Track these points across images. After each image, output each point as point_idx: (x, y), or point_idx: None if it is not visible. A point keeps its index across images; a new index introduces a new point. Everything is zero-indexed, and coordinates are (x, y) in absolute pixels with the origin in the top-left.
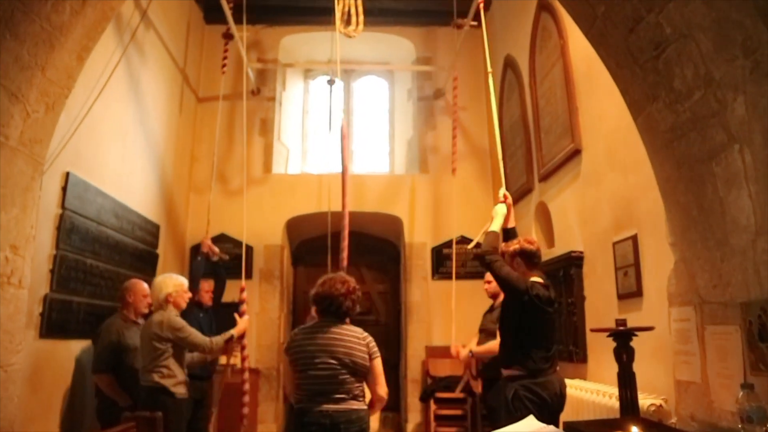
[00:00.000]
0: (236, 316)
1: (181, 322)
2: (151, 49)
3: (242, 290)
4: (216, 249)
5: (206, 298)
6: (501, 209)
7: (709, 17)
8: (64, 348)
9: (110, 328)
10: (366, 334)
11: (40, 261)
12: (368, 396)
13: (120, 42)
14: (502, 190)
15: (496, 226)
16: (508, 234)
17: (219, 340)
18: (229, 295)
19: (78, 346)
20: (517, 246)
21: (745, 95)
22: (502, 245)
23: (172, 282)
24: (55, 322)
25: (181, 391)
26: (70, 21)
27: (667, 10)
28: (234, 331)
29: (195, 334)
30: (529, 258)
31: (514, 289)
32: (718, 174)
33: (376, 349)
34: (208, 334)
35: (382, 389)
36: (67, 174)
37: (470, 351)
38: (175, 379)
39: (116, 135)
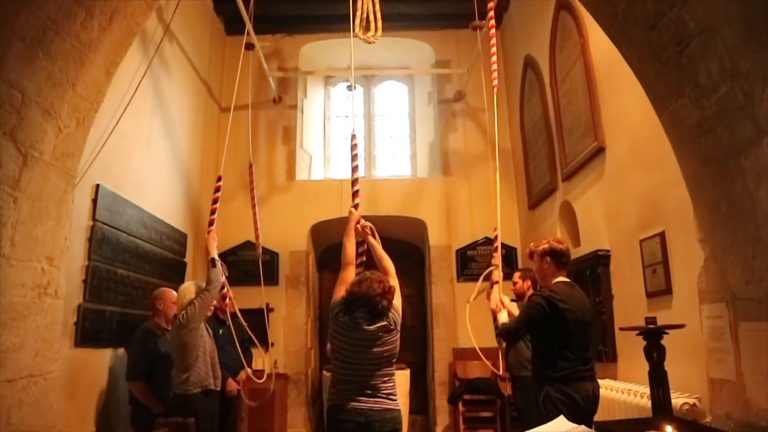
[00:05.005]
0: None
1: (188, 305)
2: (175, 61)
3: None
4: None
5: (222, 304)
6: (503, 316)
7: (733, 9)
8: (98, 356)
9: (142, 335)
10: (396, 312)
11: (74, 272)
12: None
13: (145, 56)
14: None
15: (504, 318)
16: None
17: (209, 274)
18: (250, 301)
19: (111, 354)
20: (546, 245)
21: None
22: (531, 245)
23: (197, 288)
24: (89, 331)
25: (213, 382)
26: (99, 38)
27: (690, 4)
28: (211, 251)
29: (200, 298)
30: (558, 258)
31: (532, 319)
32: (747, 168)
33: (397, 304)
34: (229, 349)
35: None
36: (97, 186)
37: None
38: (206, 373)
39: (143, 146)
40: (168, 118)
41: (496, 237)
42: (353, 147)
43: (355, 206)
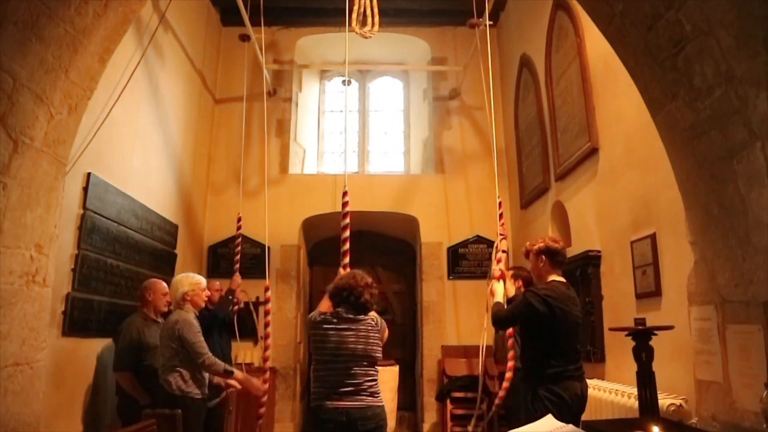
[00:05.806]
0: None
1: (193, 328)
2: (169, 51)
3: (267, 289)
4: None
5: (215, 296)
6: (499, 288)
7: (730, 13)
8: (86, 346)
9: (130, 326)
10: (380, 319)
11: (63, 260)
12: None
13: (139, 44)
14: (497, 267)
15: (499, 298)
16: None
17: (219, 367)
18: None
19: (99, 345)
20: (542, 244)
21: None
22: (527, 244)
23: (189, 281)
24: (77, 321)
25: (196, 391)
26: (93, 24)
27: (687, 6)
28: (235, 382)
29: (200, 344)
30: (553, 256)
31: (525, 314)
32: (739, 172)
33: (385, 325)
34: (211, 334)
35: None
36: (89, 174)
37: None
38: (191, 379)
39: (136, 136)
40: (161, 108)
41: (500, 204)
42: (345, 204)
43: (344, 266)
